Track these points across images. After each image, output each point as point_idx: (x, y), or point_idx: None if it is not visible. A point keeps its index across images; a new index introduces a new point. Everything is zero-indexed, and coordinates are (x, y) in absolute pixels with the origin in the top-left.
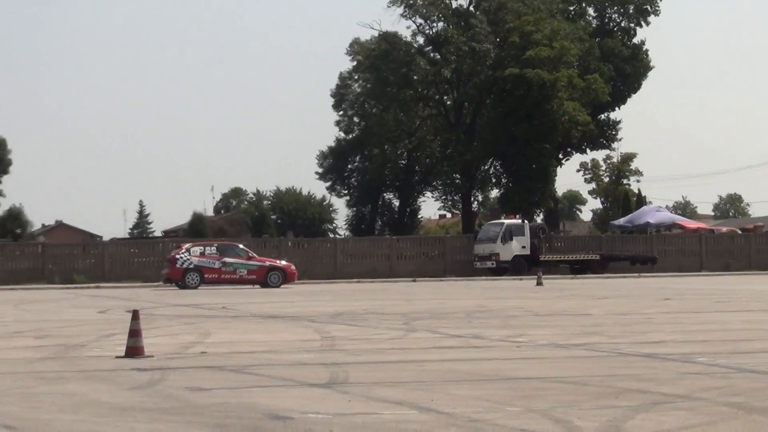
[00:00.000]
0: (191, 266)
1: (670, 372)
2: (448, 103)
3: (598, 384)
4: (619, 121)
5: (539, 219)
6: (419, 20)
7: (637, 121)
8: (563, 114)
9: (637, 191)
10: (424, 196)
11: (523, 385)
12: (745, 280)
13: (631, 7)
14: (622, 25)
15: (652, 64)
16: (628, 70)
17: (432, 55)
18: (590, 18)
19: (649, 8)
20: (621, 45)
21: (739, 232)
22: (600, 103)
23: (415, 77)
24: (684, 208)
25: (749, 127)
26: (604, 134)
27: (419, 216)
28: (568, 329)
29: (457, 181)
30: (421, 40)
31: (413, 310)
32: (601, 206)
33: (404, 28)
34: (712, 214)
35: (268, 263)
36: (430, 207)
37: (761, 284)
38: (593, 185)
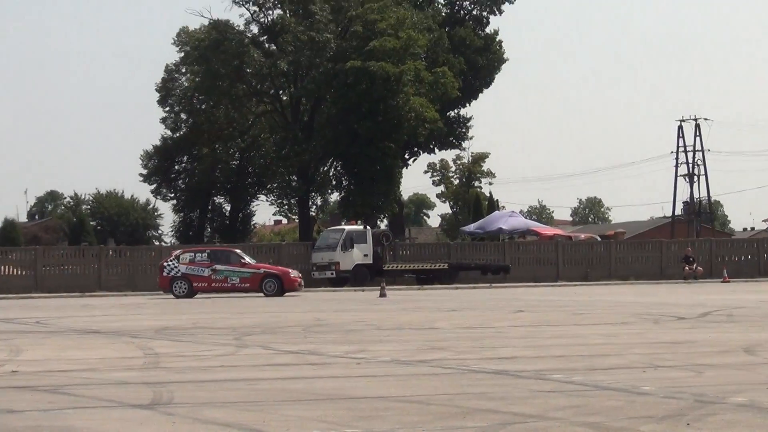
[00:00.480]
0: (179, 274)
1: (521, 390)
2: (285, 98)
3: (444, 403)
4: (470, 119)
5: (383, 225)
6: (253, 7)
7: (489, 118)
8: (409, 110)
9: (489, 194)
10: (257, 199)
11: (363, 404)
12: (604, 291)
13: None
14: (474, 13)
15: (505, 56)
16: (480, 63)
17: (267, 45)
18: (440, 6)
19: None
20: (473, 35)
21: (599, 239)
22: (449, 98)
23: (248, 70)
24: (540, 213)
25: (610, 126)
26: (453, 132)
27: (253, 222)
28: (412, 344)
29: (294, 183)
30: (255, 29)
31: (245, 324)
32: (450, 211)
33: (237, 16)
34: (570, 219)
35: (263, 270)
36: (264, 212)
37: (621, 295)
38: (442, 188)
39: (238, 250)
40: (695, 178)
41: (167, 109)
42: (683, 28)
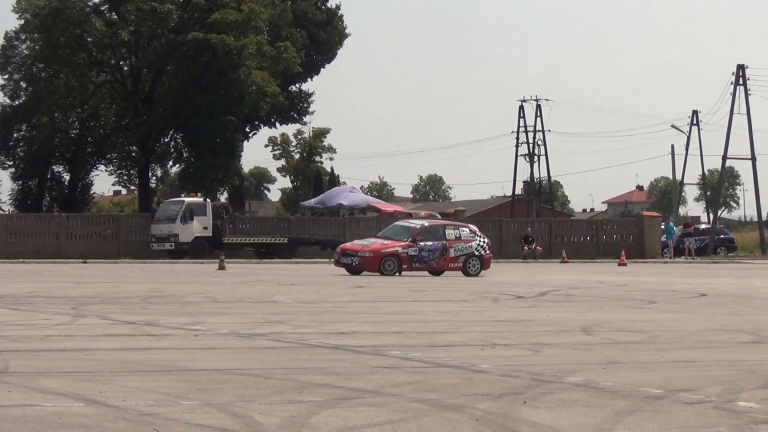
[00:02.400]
0: None
1: (359, 366)
2: (126, 68)
3: (281, 377)
4: (312, 93)
5: (223, 198)
6: None
7: (331, 93)
8: (251, 84)
9: (330, 170)
10: (97, 170)
11: (201, 377)
12: None
13: None
14: None
15: (347, 31)
16: (323, 37)
17: (109, 15)
18: None
19: None
20: (315, 9)
21: (439, 216)
22: (291, 73)
23: (89, 39)
24: (381, 190)
25: (453, 104)
26: (295, 107)
27: (92, 192)
28: (250, 317)
29: (134, 154)
30: None
31: (83, 293)
32: (290, 185)
33: None
34: (411, 196)
35: None
36: (104, 182)
37: (460, 273)
38: (282, 162)
39: None
40: (535, 158)
41: (6, 76)
42: (527, 6)
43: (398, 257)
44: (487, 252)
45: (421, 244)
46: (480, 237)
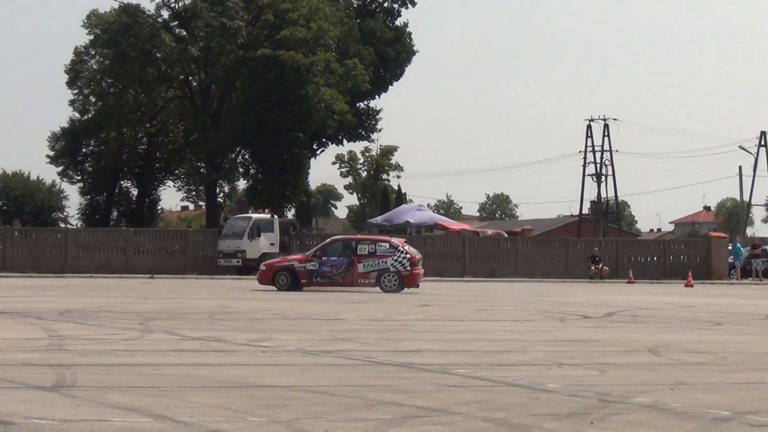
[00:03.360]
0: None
1: (426, 384)
2: (194, 84)
3: (348, 394)
4: (380, 111)
5: (290, 214)
6: None
7: (399, 111)
8: (319, 101)
9: (396, 187)
10: (165, 185)
11: (268, 393)
12: (509, 287)
13: None
14: (385, 5)
15: (416, 48)
16: (391, 54)
17: (178, 31)
18: None
19: None
20: (383, 27)
21: (506, 235)
22: (359, 90)
23: (158, 55)
24: (447, 208)
25: (519, 123)
26: (362, 124)
27: (159, 207)
28: (318, 334)
29: (202, 170)
30: (166, 14)
31: (150, 309)
32: (357, 202)
33: (148, 0)
34: (478, 215)
35: None
36: (171, 197)
37: (526, 292)
38: (350, 179)
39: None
40: (603, 178)
41: (76, 91)
42: (594, 27)
43: (293, 271)
44: (411, 268)
45: (324, 258)
46: (402, 252)
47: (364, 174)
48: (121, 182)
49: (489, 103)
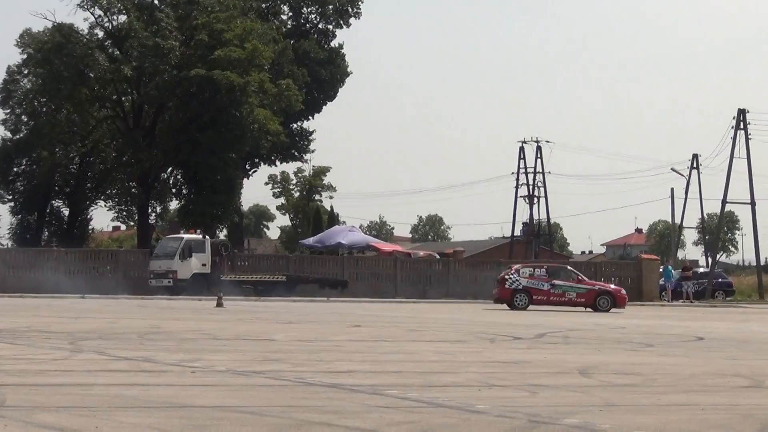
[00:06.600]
0: (520, 287)
1: (356, 404)
2: (127, 104)
3: (278, 414)
4: (313, 131)
5: (222, 235)
6: (99, 12)
7: (332, 131)
8: (253, 122)
9: (329, 208)
10: (96, 205)
11: (197, 413)
12: (441, 308)
13: (331, 8)
14: (320, 26)
15: (349, 69)
16: (325, 75)
17: (112, 50)
18: (285, 18)
19: (350, 10)
20: (318, 48)
21: (438, 257)
22: (293, 111)
23: (91, 74)
24: (380, 229)
25: (452, 145)
26: (295, 145)
27: (91, 227)
28: (248, 355)
29: (134, 190)
30: (100, 33)
31: (80, 329)
32: (290, 223)
33: (82, 20)
34: (410, 236)
35: (597, 287)
36: (103, 217)
37: (457, 312)
38: (282, 200)
39: (569, 267)
40: (535, 200)
41: (8, 110)
42: (529, 47)
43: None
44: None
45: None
46: None
47: (297, 195)
48: (53, 202)
49: (423, 124)
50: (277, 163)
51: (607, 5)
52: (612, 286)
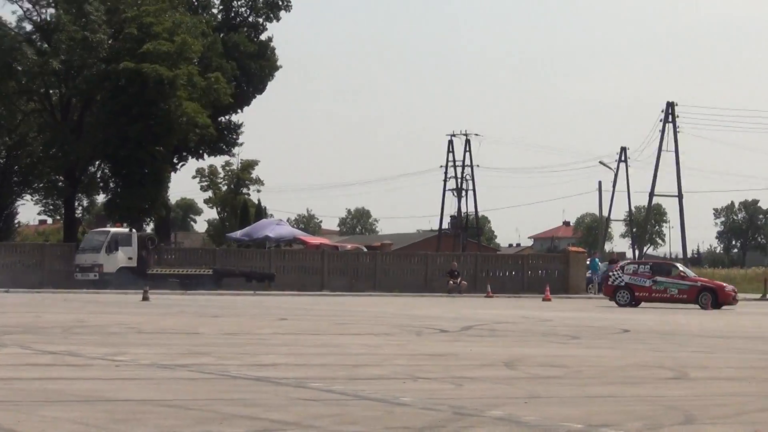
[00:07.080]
0: (622, 284)
1: (281, 397)
2: (55, 98)
3: (202, 408)
4: (241, 125)
5: (149, 228)
6: (27, 5)
7: (260, 125)
8: (181, 115)
9: (257, 202)
10: (23, 198)
11: (121, 407)
12: (368, 302)
13: (261, 1)
14: (250, 20)
15: (279, 63)
16: (254, 69)
17: (40, 44)
18: (215, 11)
19: (280, 2)
20: (247, 41)
21: (365, 249)
22: (221, 104)
23: (19, 68)
24: (308, 222)
25: (381, 138)
26: (224, 139)
27: (17, 221)
28: (173, 348)
29: (61, 183)
30: (28, 26)
31: (4, 323)
32: (217, 217)
33: (9, 13)
34: (338, 229)
35: (699, 284)
36: (29, 211)
37: (385, 306)
38: (210, 193)
39: (679, 264)
40: (463, 193)
41: None
42: (456, 43)
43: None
44: None
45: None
46: None
47: (225, 188)
48: None
49: (351, 117)
50: (205, 156)
51: None
52: (715, 282)
